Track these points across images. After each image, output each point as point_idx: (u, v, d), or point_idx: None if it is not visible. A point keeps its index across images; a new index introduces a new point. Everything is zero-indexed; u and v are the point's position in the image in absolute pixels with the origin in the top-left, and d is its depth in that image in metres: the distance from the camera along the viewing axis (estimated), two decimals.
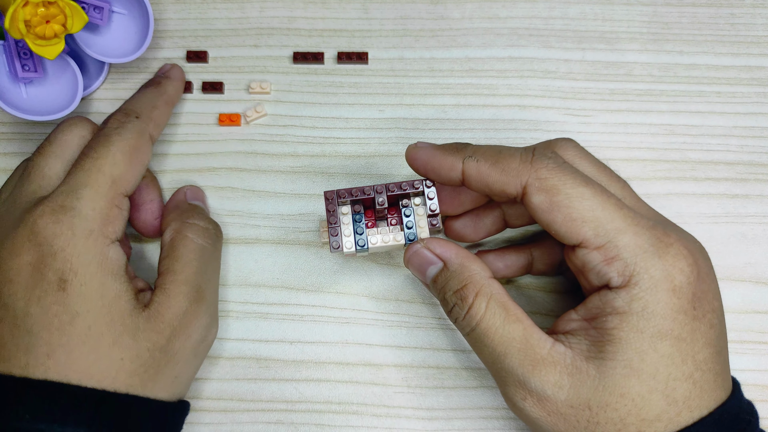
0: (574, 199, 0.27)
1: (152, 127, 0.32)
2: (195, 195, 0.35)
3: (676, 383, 0.26)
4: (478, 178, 0.28)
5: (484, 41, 0.38)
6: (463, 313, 0.28)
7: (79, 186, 0.28)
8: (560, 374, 0.26)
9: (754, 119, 0.37)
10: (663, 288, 0.26)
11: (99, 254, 0.27)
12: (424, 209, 0.30)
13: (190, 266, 0.30)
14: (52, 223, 0.27)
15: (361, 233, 0.30)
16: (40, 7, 0.31)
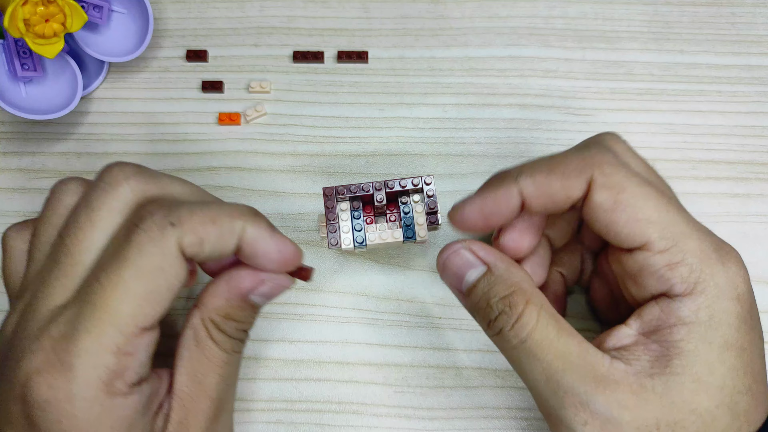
0: (639, 198, 0.25)
1: (188, 242, 0.23)
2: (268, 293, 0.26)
3: (739, 396, 0.24)
4: (538, 193, 0.25)
5: (484, 40, 0.38)
6: (512, 321, 0.25)
7: (79, 332, 0.22)
8: (624, 393, 0.24)
9: (755, 118, 0.37)
10: (728, 296, 0.24)
11: (108, 418, 0.22)
12: (423, 206, 0.30)
13: (213, 375, 0.25)
14: (47, 387, 0.21)
15: (360, 230, 0.30)
16: (39, 6, 0.31)
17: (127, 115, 0.37)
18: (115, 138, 0.37)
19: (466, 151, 0.37)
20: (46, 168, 0.37)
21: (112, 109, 0.38)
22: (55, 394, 0.22)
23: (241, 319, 0.26)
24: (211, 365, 0.25)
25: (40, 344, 0.22)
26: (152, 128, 0.37)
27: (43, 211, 0.26)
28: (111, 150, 0.37)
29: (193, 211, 0.23)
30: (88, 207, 0.24)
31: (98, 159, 0.37)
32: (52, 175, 0.36)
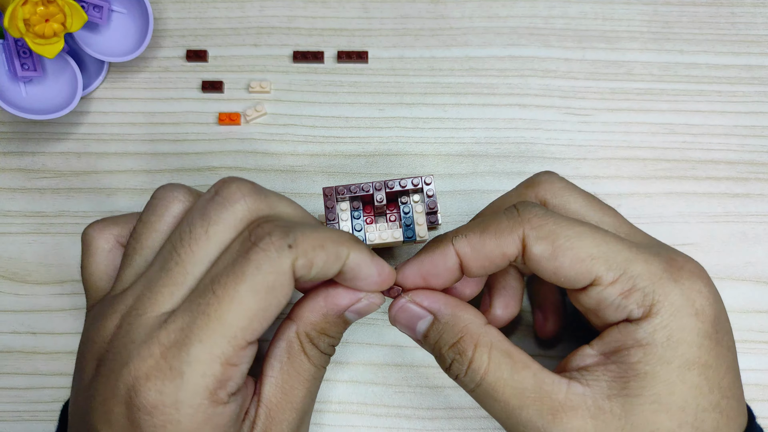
0: (575, 240, 0.25)
1: (301, 264, 0.23)
2: (363, 311, 0.27)
3: (705, 414, 0.24)
4: (473, 253, 0.26)
5: (484, 40, 0.38)
6: (464, 368, 0.26)
7: (192, 340, 0.22)
8: (583, 418, 0.24)
9: (755, 118, 0.37)
10: (685, 313, 0.24)
11: (208, 426, 0.23)
12: (423, 206, 0.30)
13: (301, 388, 0.26)
14: (155, 392, 0.22)
15: (360, 230, 0.30)
16: (39, 6, 0.31)
17: (127, 115, 0.37)
18: (115, 138, 0.37)
19: (466, 151, 0.37)
20: (47, 168, 0.37)
21: (112, 109, 0.38)
22: (163, 400, 0.22)
23: (334, 334, 0.27)
24: (300, 378, 0.26)
25: (150, 350, 0.22)
26: (152, 128, 0.37)
27: (145, 215, 0.26)
28: (111, 150, 0.37)
29: (306, 235, 0.24)
30: (205, 220, 0.24)
31: (98, 159, 0.37)
32: (52, 175, 0.37)
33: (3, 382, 0.34)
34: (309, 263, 0.24)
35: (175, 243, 0.24)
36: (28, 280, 0.35)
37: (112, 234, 0.27)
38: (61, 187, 0.36)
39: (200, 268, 0.24)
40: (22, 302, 0.35)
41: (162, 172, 0.36)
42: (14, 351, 0.35)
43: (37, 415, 0.34)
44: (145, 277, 0.25)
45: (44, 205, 0.36)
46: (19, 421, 0.34)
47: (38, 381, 0.34)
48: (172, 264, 0.24)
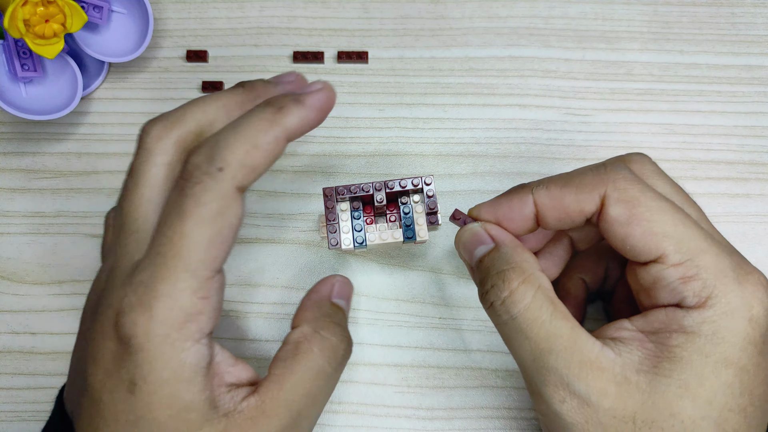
0: (655, 212, 0.25)
1: (242, 177, 0.24)
2: (342, 291, 0.30)
3: (730, 414, 0.24)
4: (552, 204, 0.26)
5: (484, 41, 0.38)
6: (502, 296, 0.26)
7: (156, 278, 0.24)
8: (607, 381, 0.24)
9: (755, 118, 0.37)
10: (739, 316, 0.24)
11: (173, 360, 0.24)
12: (423, 207, 0.30)
13: (300, 387, 0.26)
14: (130, 324, 0.23)
15: (360, 230, 0.30)
16: (39, 6, 0.31)
17: (127, 116, 0.37)
18: (115, 138, 0.37)
19: (466, 152, 0.37)
20: (47, 168, 0.37)
21: (112, 110, 0.38)
22: (136, 330, 0.23)
23: (338, 321, 0.29)
24: (302, 377, 0.26)
25: (124, 290, 0.24)
26: None
27: None
28: (111, 150, 0.37)
29: (231, 146, 0.24)
30: (131, 173, 0.26)
31: (98, 159, 0.37)
32: (52, 175, 0.36)
33: (2, 383, 0.34)
34: (250, 171, 0.24)
35: (120, 202, 0.27)
36: (27, 281, 0.35)
37: (171, 140, 0.26)
38: (61, 188, 0.36)
39: (145, 210, 0.25)
40: (21, 302, 0.35)
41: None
42: (13, 351, 0.35)
43: (36, 415, 0.34)
44: (116, 237, 0.27)
45: (44, 205, 0.36)
46: (18, 422, 0.34)
47: (37, 381, 0.34)
48: (123, 218, 0.26)
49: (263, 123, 0.24)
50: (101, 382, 0.24)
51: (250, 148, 0.24)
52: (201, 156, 0.24)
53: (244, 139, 0.24)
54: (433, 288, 0.35)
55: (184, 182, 0.24)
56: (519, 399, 0.34)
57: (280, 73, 0.38)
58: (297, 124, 0.25)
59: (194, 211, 0.23)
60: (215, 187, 0.23)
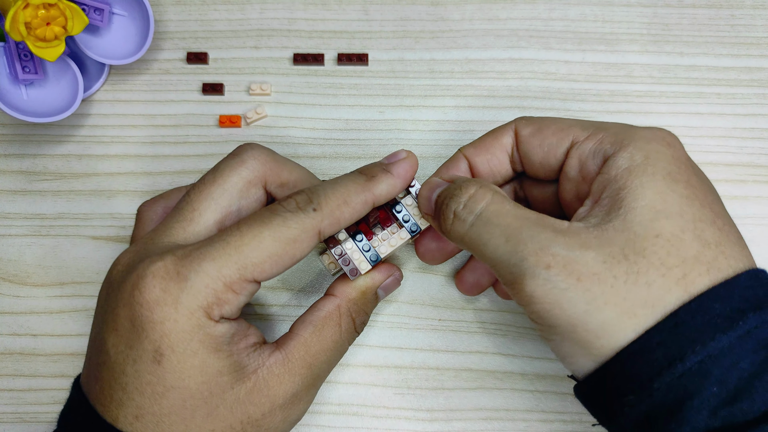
0: (556, 120, 0.30)
1: (327, 224, 0.27)
2: (389, 286, 0.31)
3: (704, 225, 0.25)
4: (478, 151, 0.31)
5: (484, 43, 0.38)
6: (462, 200, 0.27)
7: (207, 256, 0.25)
8: (585, 237, 0.24)
9: (754, 120, 0.37)
10: (656, 143, 0.26)
11: (201, 332, 0.25)
12: (413, 199, 0.30)
13: (324, 353, 0.28)
14: (159, 290, 0.24)
15: (368, 250, 0.30)
16: (40, 9, 0.31)
17: (128, 118, 0.38)
18: (116, 140, 0.37)
19: None
20: (47, 170, 0.37)
21: (112, 112, 0.38)
22: (165, 298, 0.24)
23: (368, 311, 0.30)
24: (327, 345, 0.28)
25: (163, 257, 0.25)
26: (153, 130, 0.37)
27: None
28: (112, 152, 0.37)
29: (329, 196, 0.27)
30: (214, 170, 0.29)
31: (99, 161, 0.37)
32: (53, 177, 0.37)
33: (3, 384, 0.34)
34: (336, 221, 0.27)
35: (189, 190, 0.28)
36: (28, 282, 0.35)
37: (160, 206, 0.30)
38: (62, 190, 0.36)
39: (208, 206, 0.27)
40: (22, 304, 0.35)
41: (163, 174, 0.37)
42: (14, 353, 0.35)
43: (37, 416, 0.34)
44: (163, 220, 0.28)
45: (44, 207, 0.36)
46: (19, 423, 0.34)
47: (38, 383, 0.34)
48: (183, 204, 0.28)
49: (357, 186, 0.28)
50: (123, 353, 0.25)
51: (342, 203, 0.27)
52: (303, 195, 0.27)
53: (339, 195, 0.27)
54: (433, 290, 0.35)
55: (280, 206, 0.27)
56: (518, 400, 0.34)
57: (280, 75, 0.38)
58: (385, 191, 0.29)
59: (278, 226, 0.26)
60: (304, 220, 0.26)
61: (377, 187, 0.28)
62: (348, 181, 0.28)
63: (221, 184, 0.28)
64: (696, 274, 0.24)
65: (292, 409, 0.27)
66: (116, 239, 0.36)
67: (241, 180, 0.28)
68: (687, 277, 0.24)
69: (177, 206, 0.28)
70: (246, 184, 0.28)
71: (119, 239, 0.36)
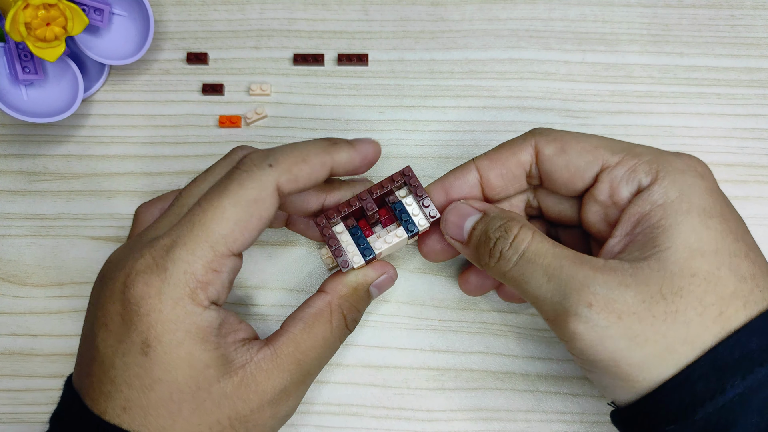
0: (580, 138, 0.29)
1: (285, 180, 0.27)
2: (383, 284, 0.31)
3: (738, 260, 0.25)
4: (491, 165, 0.30)
5: (484, 43, 0.38)
6: (509, 241, 0.27)
7: (177, 243, 0.25)
8: (623, 275, 0.25)
9: (754, 121, 0.37)
10: (690, 174, 0.26)
11: (187, 322, 0.25)
12: (412, 198, 0.30)
13: (314, 350, 0.28)
14: (142, 284, 0.25)
15: (364, 244, 0.30)
16: (40, 10, 0.31)
17: (128, 118, 0.38)
18: (116, 140, 0.37)
19: (466, 154, 0.37)
20: (48, 171, 0.37)
21: (112, 112, 0.38)
22: (149, 291, 0.25)
23: (360, 308, 0.30)
24: (317, 342, 0.28)
25: (142, 253, 0.26)
26: (153, 131, 0.37)
27: None
28: (112, 152, 0.37)
29: (285, 154, 0.27)
30: (208, 170, 0.29)
31: (99, 161, 0.37)
32: (53, 178, 0.37)
33: (2, 384, 0.34)
34: (294, 178, 0.27)
35: (180, 191, 0.28)
36: (27, 283, 0.35)
37: (157, 208, 0.30)
38: (62, 190, 0.36)
39: (194, 201, 0.27)
40: (21, 304, 0.35)
41: (162, 174, 0.37)
42: (13, 353, 0.35)
43: (36, 417, 0.34)
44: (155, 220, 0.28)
45: (44, 207, 0.36)
46: (18, 423, 0.34)
47: (37, 383, 0.34)
48: (175, 202, 0.28)
49: (317, 148, 0.28)
50: (112, 347, 0.25)
51: (300, 160, 0.27)
52: (257, 153, 0.27)
53: (298, 152, 0.28)
54: (434, 290, 0.35)
55: (235, 169, 0.27)
56: (518, 401, 0.34)
57: (280, 75, 0.38)
58: (344, 158, 0.29)
59: (235, 191, 0.26)
60: (261, 178, 0.26)
61: (338, 154, 0.28)
62: (309, 143, 0.29)
63: (211, 181, 0.28)
64: (733, 311, 0.24)
65: (281, 405, 0.27)
66: (116, 239, 0.36)
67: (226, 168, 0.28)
68: (724, 314, 0.24)
69: (170, 207, 0.28)
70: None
71: (119, 240, 0.36)
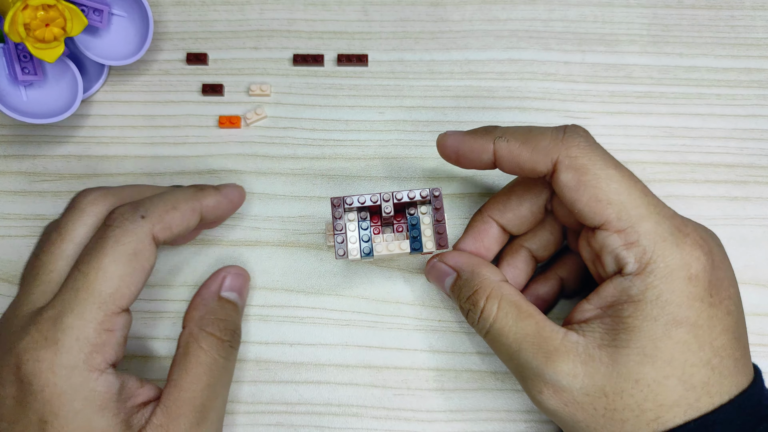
0: (602, 180, 0.27)
1: (159, 229, 0.28)
2: (233, 284, 0.32)
3: (694, 369, 0.26)
4: (509, 158, 0.28)
5: (483, 43, 0.38)
6: (477, 317, 0.29)
7: (64, 312, 0.25)
8: (573, 363, 0.26)
9: (754, 121, 0.37)
10: (679, 276, 0.26)
11: (85, 389, 0.25)
12: (431, 218, 0.30)
13: (197, 382, 0.27)
14: (33, 361, 0.24)
15: (367, 240, 0.29)
16: (39, 11, 0.31)
17: (128, 118, 0.38)
18: (116, 141, 0.37)
19: None
20: (47, 171, 0.37)
21: (112, 112, 0.38)
22: (41, 366, 0.25)
23: (223, 317, 0.30)
24: (197, 372, 0.28)
25: (28, 330, 0.25)
26: (152, 131, 0.37)
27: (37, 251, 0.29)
28: (111, 153, 0.37)
29: (155, 204, 0.28)
30: (57, 227, 0.28)
31: (99, 162, 0.37)
32: (52, 178, 0.37)
33: None
34: (167, 226, 0.28)
35: (37, 253, 0.28)
36: None
37: (105, 206, 0.29)
38: (62, 190, 0.36)
39: (62, 264, 0.27)
40: None
41: (162, 174, 0.37)
42: None
43: None
44: (24, 286, 0.28)
45: (44, 208, 0.36)
46: None
47: None
48: (37, 268, 0.27)
49: (185, 195, 0.29)
50: (7, 430, 0.25)
51: (170, 208, 0.28)
52: (126, 207, 0.28)
53: (166, 201, 0.29)
54: (434, 291, 0.35)
55: (107, 227, 0.27)
56: (517, 401, 0.34)
57: (279, 76, 0.38)
58: (212, 203, 0.30)
59: (113, 248, 0.26)
60: (135, 231, 0.27)
61: (205, 199, 0.30)
62: (177, 191, 0.30)
63: (70, 239, 0.28)
64: (671, 416, 0.25)
65: None
66: None
67: (86, 228, 0.28)
68: (660, 419, 0.26)
69: (31, 272, 0.28)
70: (91, 230, 0.28)
71: None
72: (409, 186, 0.36)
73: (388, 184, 0.36)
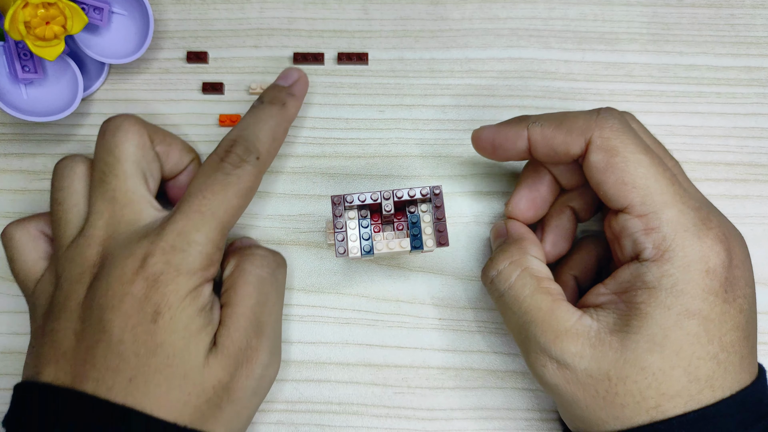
0: (630, 164, 0.27)
1: (269, 164, 0.32)
2: (249, 241, 0.35)
3: (700, 362, 0.26)
4: (543, 142, 0.29)
5: (484, 42, 0.38)
6: (491, 275, 0.30)
7: (192, 229, 0.28)
8: (582, 345, 0.27)
9: (754, 120, 0.37)
10: (696, 268, 0.26)
11: (194, 291, 0.28)
12: (431, 216, 0.30)
13: (248, 299, 0.30)
14: (162, 263, 0.27)
15: (367, 239, 0.30)
16: (39, 9, 0.31)
17: None
18: None
19: (466, 153, 0.37)
20: (47, 170, 0.37)
21: (112, 111, 0.38)
22: (168, 268, 0.27)
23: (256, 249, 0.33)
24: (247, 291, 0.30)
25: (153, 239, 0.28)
26: None
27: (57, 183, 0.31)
28: None
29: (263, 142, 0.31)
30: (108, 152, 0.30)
31: None
32: None
33: (2, 383, 0.34)
34: (272, 159, 0.32)
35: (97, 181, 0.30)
36: None
37: (33, 227, 0.31)
38: None
39: (134, 183, 0.30)
40: (21, 304, 0.35)
41: None
42: (14, 352, 0.35)
43: None
44: (96, 212, 0.29)
45: (44, 206, 0.36)
46: None
47: None
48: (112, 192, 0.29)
49: (277, 120, 0.32)
50: (121, 326, 0.27)
51: (272, 140, 0.31)
52: (240, 147, 0.30)
53: (268, 135, 0.31)
54: (434, 289, 0.35)
55: (227, 164, 0.30)
56: (518, 400, 0.34)
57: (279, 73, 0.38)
58: (295, 113, 0.33)
59: (236, 184, 0.29)
60: (252, 171, 0.30)
61: (291, 113, 0.33)
62: (267, 117, 0.32)
63: (128, 159, 0.30)
64: (671, 406, 0.26)
65: (252, 364, 0.29)
66: None
67: (138, 148, 0.30)
68: (660, 407, 0.26)
69: (105, 197, 0.29)
70: (143, 149, 0.31)
71: None
72: (409, 184, 0.36)
73: (389, 183, 0.36)
